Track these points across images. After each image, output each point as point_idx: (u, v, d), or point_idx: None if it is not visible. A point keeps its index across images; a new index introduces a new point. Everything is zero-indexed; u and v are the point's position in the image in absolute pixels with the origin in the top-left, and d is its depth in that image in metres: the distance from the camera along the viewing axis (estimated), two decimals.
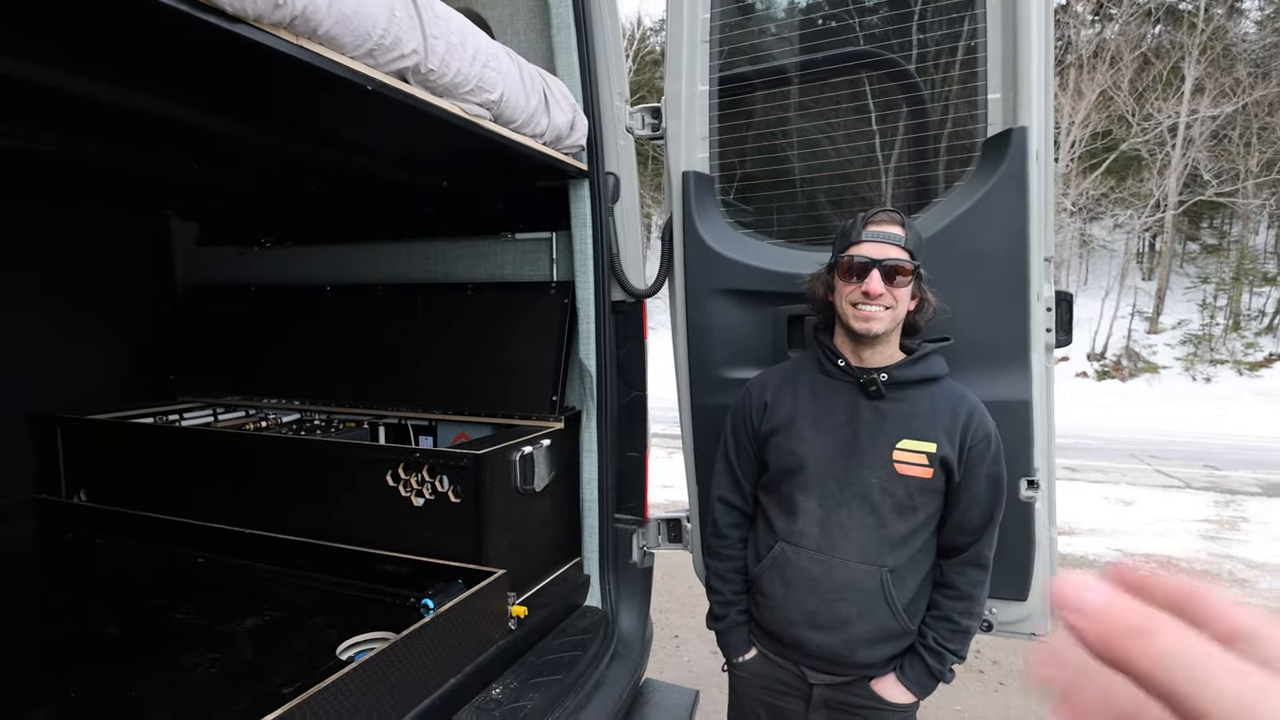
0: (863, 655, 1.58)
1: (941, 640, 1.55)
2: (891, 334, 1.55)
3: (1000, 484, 1.55)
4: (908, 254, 1.50)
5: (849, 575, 1.55)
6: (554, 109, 1.87)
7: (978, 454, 1.52)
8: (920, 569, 1.58)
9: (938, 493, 1.54)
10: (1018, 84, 1.71)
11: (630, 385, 2.25)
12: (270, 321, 2.88)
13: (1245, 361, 18.26)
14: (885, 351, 1.57)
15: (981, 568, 1.57)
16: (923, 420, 1.53)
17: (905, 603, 1.55)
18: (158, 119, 1.65)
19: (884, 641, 1.57)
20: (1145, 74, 19.74)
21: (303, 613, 1.91)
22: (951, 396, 1.56)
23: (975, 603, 1.56)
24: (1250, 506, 7.19)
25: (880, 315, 1.50)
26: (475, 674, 1.68)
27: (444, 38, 1.47)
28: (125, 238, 2.94)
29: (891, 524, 1.54)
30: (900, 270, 1.49)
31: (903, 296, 1.51)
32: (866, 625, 1.55)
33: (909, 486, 1.52)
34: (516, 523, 2.02)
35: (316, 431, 2.59)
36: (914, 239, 1.51)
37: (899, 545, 1.54)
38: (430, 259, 2.65)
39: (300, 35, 1.18)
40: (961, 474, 1.52)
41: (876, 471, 1.53)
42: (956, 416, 1.53)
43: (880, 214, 1.53)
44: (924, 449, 1.52)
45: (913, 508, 1.53)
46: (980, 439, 1.53)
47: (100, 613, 1.92)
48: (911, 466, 1.52)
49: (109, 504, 2.47)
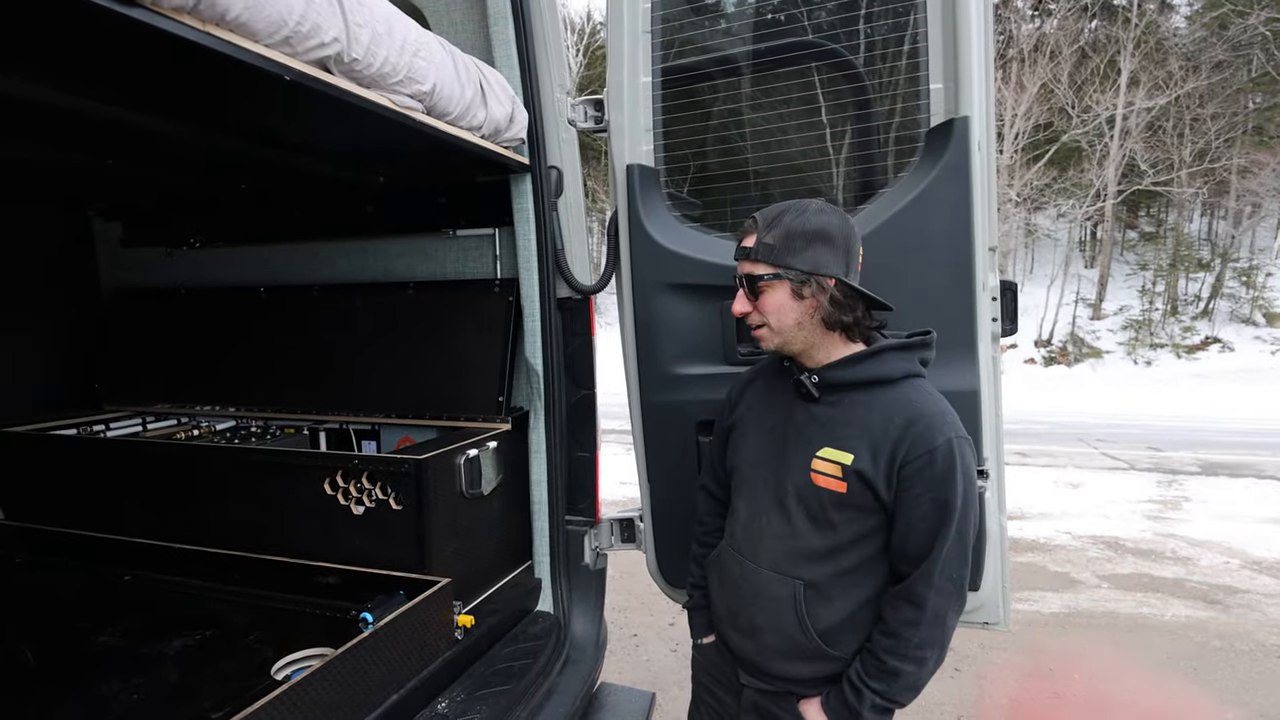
0: (777, 667, 1.47)
1: (862, 675, 1.37)
2: (810, 338, 1.40)
3: (947, 509, 1.30)
4: (760, 263, 1.36)
5: (762, 582, 1.47)
6: (492, 101, 1.81)
7: (913, 472, 1.31)
8: (854, 592, 1.42)
9: (861, 510, 1.37)
10: (959, 74, 1.71)
11: (579, 384, 2.20)
12: (202, 325, 2.76)
13: (1183, 345, 19.09)
14: (825, 351, 1.42)
15: (915, 605, 1.33)
16: (850, 428, 1.37)
17: (826, 624, 1.41)
18: (63, 112, 1.55)
19: (796, 658, 1.45)
20: (1083, 67, 20.43)
21: (235, 631, 1.83)
22: (897, 403, 1.36)
23: (903, 643, 1.33)
24: (1191, 486, 7.49)
25: (761, 333, 1.41)
26: (419, 688, 1.62)
27: (368, 25, 1.39)
28: (42, 238, 2.78)
29: (806, 536, 1.42)
30: (755, 283, 1.37)
31: (770, 308, 1.37)
32: (776, 636, 1.46)
33: (822, 499, 1.38)
34: (462, 528, 1.96)
35: (252, 439, 2.48)
36: (771, 241, 1.34)
37: (816, 560, 1.41)
38: (369, 257, 2.56)
39: (207, 21, 1.10)
40: (894, 494, 1.34)
41: (794, 478, 1.42)
42: (891, 426, 1.33)
43: (743, 226, 1.42)
44: (840, 459, 1.36)
45: (829, 522, 1.39)
46: (918, 455, 1.30)
47: (16, 638, 1.81)
48: (825, 478, 1.37)
49: (29, 521, 2.34)
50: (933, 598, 1.32)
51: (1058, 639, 4.01)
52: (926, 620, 1.32)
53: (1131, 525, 6.11)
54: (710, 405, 1.96)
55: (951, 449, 1.31)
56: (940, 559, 1.31)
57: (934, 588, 1.32)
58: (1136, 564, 5.20)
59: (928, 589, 1.32)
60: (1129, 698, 3.40)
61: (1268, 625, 4.12)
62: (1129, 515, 6.41)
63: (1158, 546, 5.57)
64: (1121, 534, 5.86)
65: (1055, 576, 4.94)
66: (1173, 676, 3.58)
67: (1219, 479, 7.75)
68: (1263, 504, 6.70)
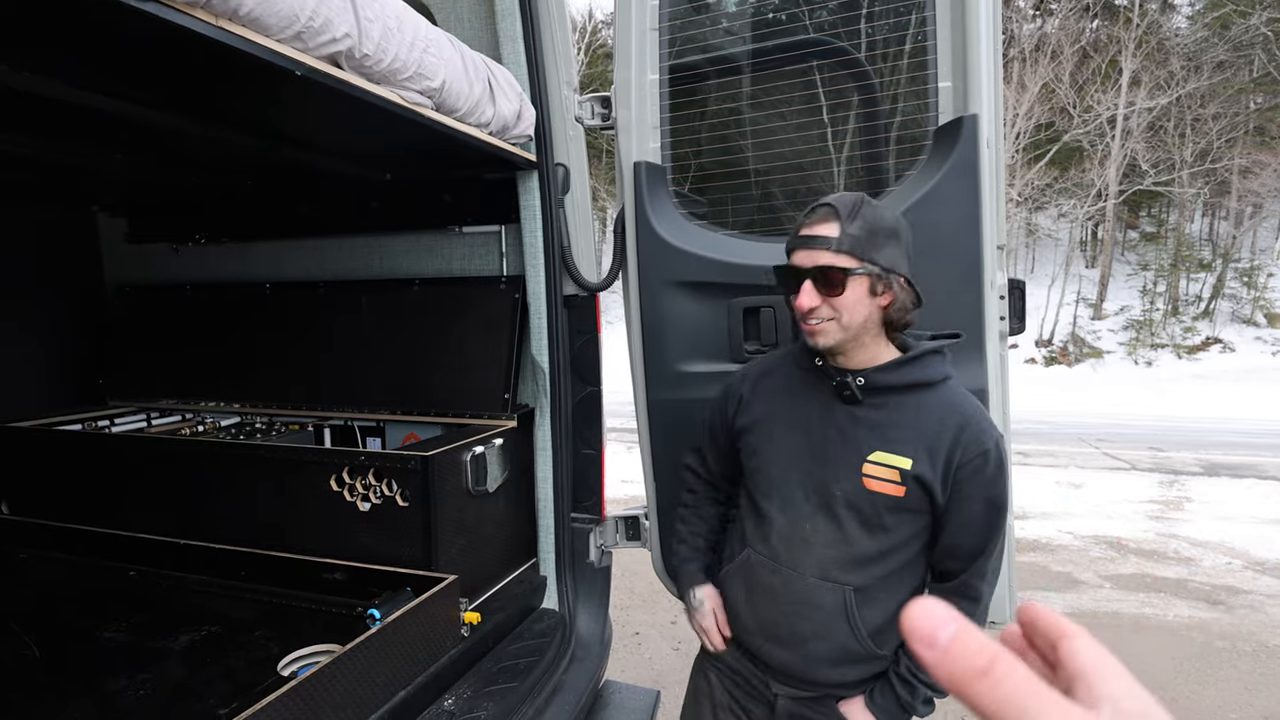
0: (825, 674, 1.45)
1: (915, 671, 1.38)
2: (862, 337, 1.35)
3: (999, 508, 1.35)
4: (845, 255, 1.29)
5: (807, 591, 1.42)
6: (499, 98, 1.81)
7: (969, 474, 1.32)
8: (899, 591, 1.42)
9: (915, 513, 1.37)
10: (967, 72, 1.70)
11: (585, 381, 2.20)
12: (207, 321, 2.75)
13: (1184, 345, 19.08)
14: (869, 351, 1.38)
15: (971, 600, 1.38)
16: (902, 431, 1.35)
17: (875, 625, 1.41)
18: (72, 108, 1.54)
19: (847, 663, 1.43)
20: (1085, 67, 20.43)
21: (242, 627, 1.82)
22: (944, 405, 1.35)
23: None
24: (1193, 486, 7.48)
25: (824, 328, 1.33)
26: (427, 685, 1.62)
27: (379, 21, 1.39)
28: (48, 233, 2.77)
29: (858, 541, 1.38)
30: (832, 278, 1.30)
31: (848, 303, 1.30)
32: (825, 644, 1.42)
33: (876, 504, 1.35)
34: (468, 525, 1.96)
35: (257, 435, 2.48)
36: (857, 232, 1.29)
37: (866, 564, 1.39)
38: (375, 254, 2.56)
39: (219, 16, 1.10)
40: (948, 495, 1.33)
41: (843, 484, 1.37)
42: (944, 429, 1.32)
43: (814, 212, 1.35)
44: (897, 464, 1.33)
45: (883, 527, 1.37)
46: (973, 456, 1.31)
47: (22, 633, 1.81)
48: (881, 482, 1.35)
49: (34, 517, 2.34)
50: (985, 590, 1.40)
51: None
52: (979, 612, 1.41)
53: (1134, 525, 6.10)
54: None
55: (1000, 450, 1.35)
56: (992, 555, 1.38)
57: (986, 581, 1.40)
58: (1139, 564, 5.20)
59: (981, 582, 1.39)
60: None
61: (1271, 626, 4.12)
62: (1131, 515, 6.40)
63: (1160, 547, 5.56)
64: (1124, 534, 5.86)
65: (1057, 576, 4.93)
66: (1176, 677, 3.58)
67: (1221, 479, 7.75)
68: (1265, 505, 6.69)
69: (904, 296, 1.35)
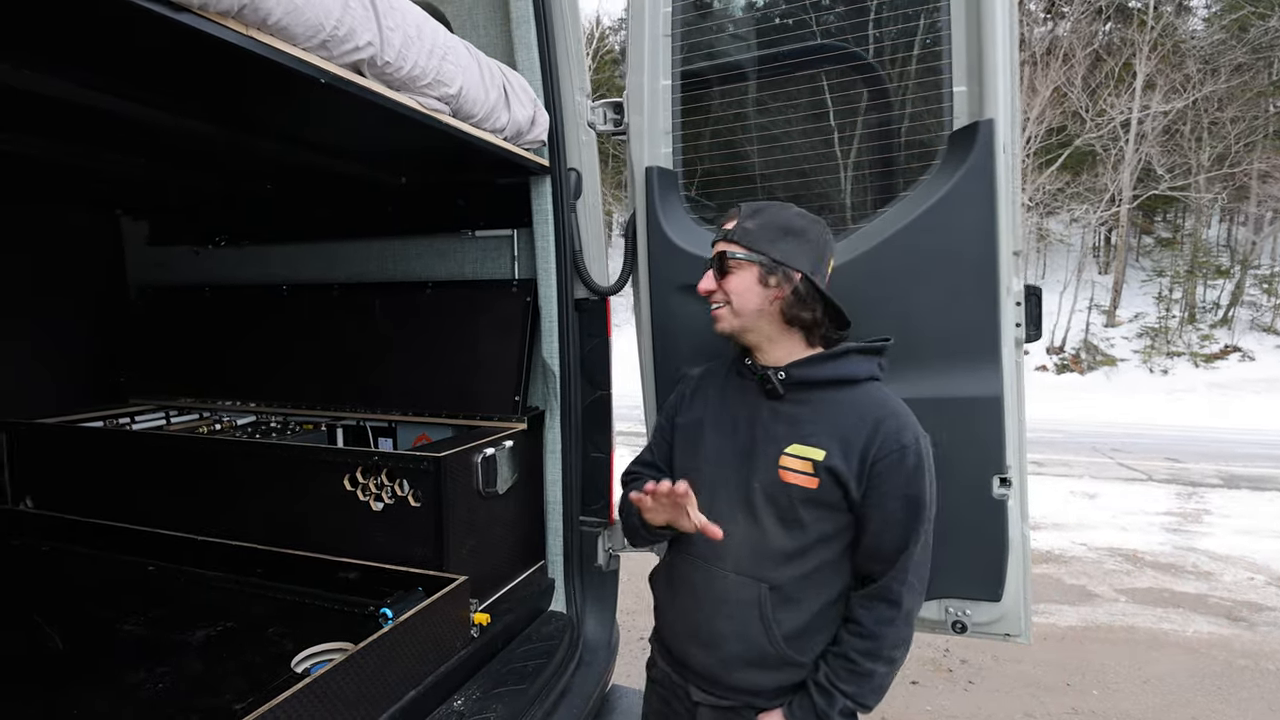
0: (740, 678, 1.44)
1: (833, 679, 1.35)
2: (763, 328, 1.41)
3: (919, 506, 1.33)
4: (734, 244, 1.39)
5: (726, 588, 1.43)
6: (514, 104, 1.83)
7: (886, 468, 1.32)
8: (818, 594, 1.41)
9: (831, 509, 1.37)
10: (983, 76, 1.69)
11: (594, 384, 2.21)
12: (225, 322, 2.80)
13: (1201, 354, 18.81)
14: (782, 348, 1.43)
15: (891, 604, 1.34)
16: (819, 425, 1.37)
17: (791, 629, 1.39)
18: (101, 114, 1.58)
19: (760, 668, 1.42)
20: (1098, 70, 20.19)
21: (257, 623, 1.85)
22: (866, 402, 1.38)
23: (880, 643, 1.34)
24: (1212, 498, 7.35)
25: (720, 313, 1.43)
26: (437, 685, 1.64)
27: (400, 29, 1.42)
28: (73, 237, 2.83)
29: (774, 536, 1.39)
30: (723, 264, 1.40)
31: (737, 289, 1.39)
32: (740, 645, 1.42)
33: (792, 496, 1.37)
34: (479, 527, 1.98)
35: (272, 434, 2.51)
36: (751, 226, 1.39)
37: (783, 562, 1.39)
38: (388, 257, 2.59)
39: (249, 25, 1.12)
40: (864, 491, 1.34)
41: (760, 476, 1.40)
42: (862, 423, 1.35)
43: (728, 212, 1.46)
44: (811, 455, 1.35)
45: (798, 521, 1.38)
46: (890, 451, 1.32)
47: (44, 625, 1.85)
48: (795, 474, 1.36)
49: (57, 511, 2.38)
50: (907, 596, 1.34)
51: (1075, 653, 3.94)
52: (901, 619, 1.35)
53: (1150, 538, 6.01)
54: None
55: (920, 446, 1.35)
56: (913, 556, 1.34)
57: (907, 585, 1.34)
58: (1156, 578, 5.12)
59: (902, 587, 1.34)
60: (1150, 715, 3.32)
61: None
62: (1147, 527, 6.31)
63: (1178, 560, 5.46)
64: (1140, 546, 5.77)
65: (1071, 589, 4.86)
66: (1196, 695, 3.50)
67: (1241, 492, 7.63)
68: None
69: (804, 292, 1.39)
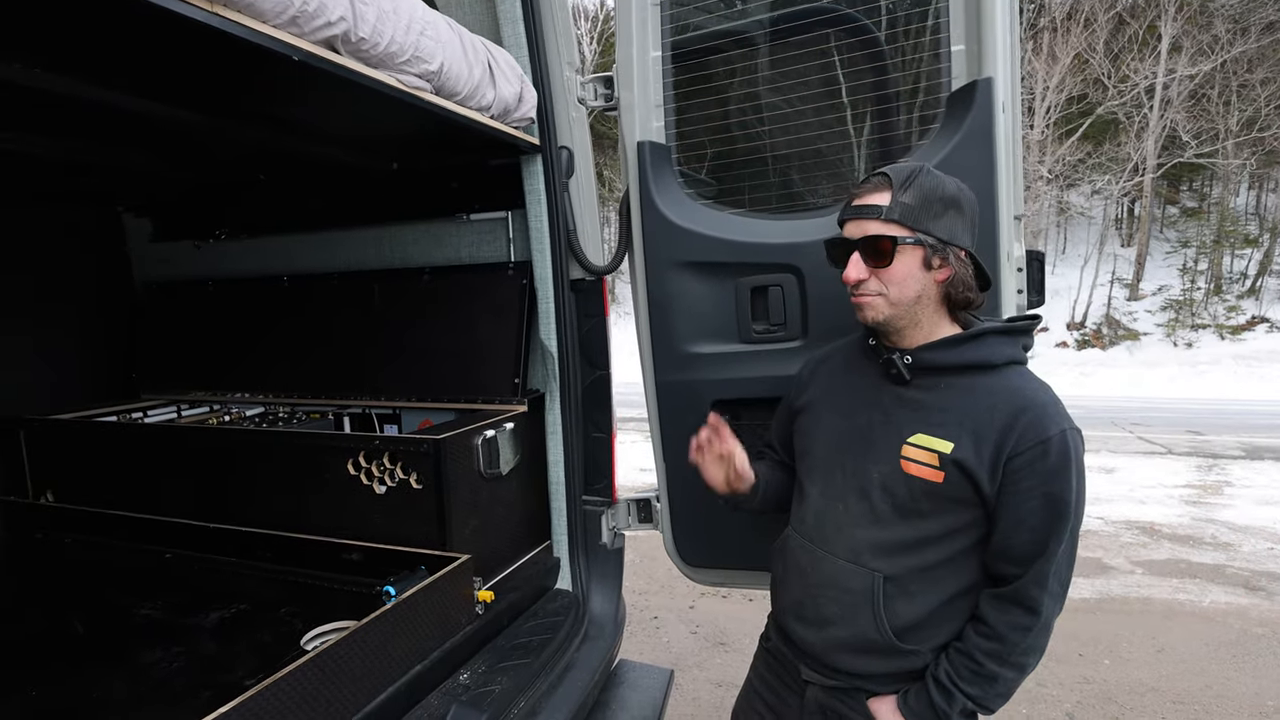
0: (845, 662, 1.38)
1: (954, 677, 1.27)
2: (918, 314, 1.30)
3: (1061, 505, 1.21)
4: (894, 224, 1.25)
5: (834, 572, 1.37)
6: (500, 80, 1.82)
7: (1023, 464, 1.21)
8: (937, 588, 1.32)
9: (958, 503, 1.27)
10: (981, 33, 1.65)
11: (593, 365, 2.21)
12: (230, 315, 2.83)
13: (1227, 325, 18.43)
14: (925, 330, 1.32)
15: (1028, 610, 1.24)
16: (948, 413, 1.27)
17: (905, 620, 1.32)
18: (88, 104, 1.59)
19: (867, 654, 1.35)
20: (1121, 34, 19.62)
21: (268, 605, 1.90)
22: (1003, 389, 1.26)
23: (1010, 648, 1.25)
24: (1234, 470, 7.25)
25: (872, 302, 1.29)
26: (443, 659, 1.66)
27: (374, 4, 1.40)
28: (79, 237, 2.88)
29: (891, 526, 1.32)
30: (880, 248, 1.25)
31: (896, 276, 1.26)
32: (846, 630, 1.36)
33: (912, 488, 1.28)
34: (482, 507, 2.00)
35: (280, 424, 2.55)
36: (910, 201, 1.24)
37: (899, 552, 1.32)
38: (385, 245, 2.60)
39: (214, 2, 1.12)
40: (998, 487, 1.23)
41: (880, 465, 1.32)
42: (996, 413, 1.23)
43: (867, 182, 1.30)
44: (937, 447, 1.26)
45: (919, 513, 1.29)
46: (1029, 446, 1.21)
47: (68, 611, 1.92)
48: (919, 466, 1.27)
49: (76, 504, 2.45)
50: (1046, 602, 1.24)
51: (1088, 624, 3.93)
52: (1039, 626, 1.25)
53: (1168, 510, 5.95)
54: (725, 384, 1.96)
55: (1066, 441, 1.21)
56: (1054, 560, 1.22)
57: (1048, 591, 1.24)
58: (1173, 549, 5.07)
59: (1041, 592, 1.23)
60: (1162, 684, 3.31)
61: None
62: (1165, 500, 6.24)
63: (1196, 532, 5.40)
64: (1157, 519, 5.71)
65: (1087, 562, 4.82)
66: (1209, 664, 3.48)
67: (1264, 463, 7.52)
68: None
69: (964, 271, 1.28)
